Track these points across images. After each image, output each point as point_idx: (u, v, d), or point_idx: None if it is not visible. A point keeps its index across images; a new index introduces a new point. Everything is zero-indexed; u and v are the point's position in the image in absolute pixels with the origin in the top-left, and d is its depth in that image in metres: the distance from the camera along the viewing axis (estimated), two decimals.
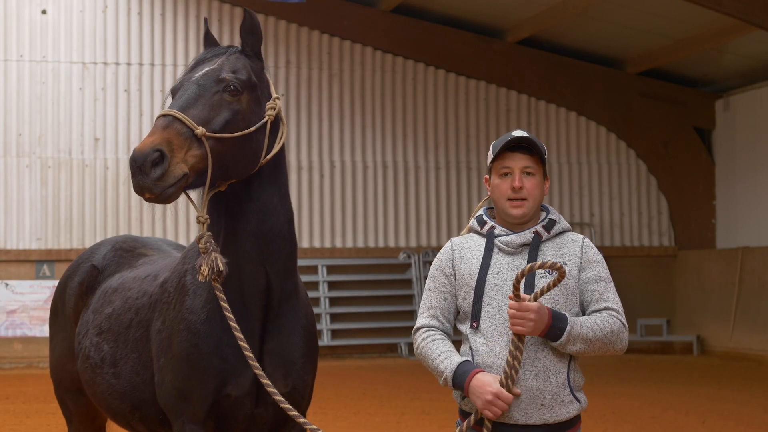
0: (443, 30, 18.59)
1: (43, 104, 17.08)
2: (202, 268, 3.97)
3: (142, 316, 4.54)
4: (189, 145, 3.83)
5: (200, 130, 3.85)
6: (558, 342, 3.63)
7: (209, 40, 4.35)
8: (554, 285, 3.58)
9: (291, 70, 18.17)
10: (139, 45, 17.55)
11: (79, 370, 4.97)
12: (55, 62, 17.17)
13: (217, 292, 4.04)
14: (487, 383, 3.61)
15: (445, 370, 3.70)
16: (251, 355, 4.01)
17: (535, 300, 3.60)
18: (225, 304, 4.04)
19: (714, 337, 18.22)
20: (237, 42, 4.27)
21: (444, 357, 3.73)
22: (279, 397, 4.01)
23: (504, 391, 3.61)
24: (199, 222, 4.01)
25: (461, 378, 3.66)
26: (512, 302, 3.60)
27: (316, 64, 18.33)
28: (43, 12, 17.17)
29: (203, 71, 4.06)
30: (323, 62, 18.37)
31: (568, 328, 3.61)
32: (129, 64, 17.48)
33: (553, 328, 3.61)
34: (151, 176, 3.72)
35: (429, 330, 3.82)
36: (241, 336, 4.02)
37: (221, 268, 3.98)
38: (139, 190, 3.75)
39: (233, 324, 4.02)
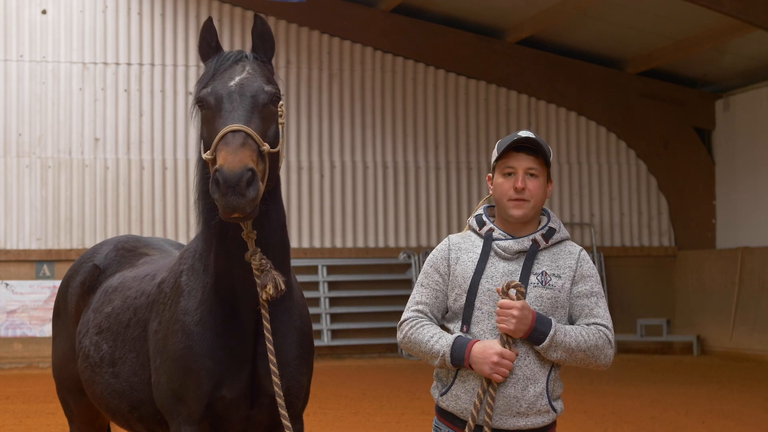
0: (443, 30, 18.59)
1: (43, 104, 17.08)
2: (267, 288, 3.93)
3: (140, 315, 4.55)
4: (259, 162, 3.77)
5: (266, 147, 3.80)
6: (540, 346, 3.62)
7: (214, 43, 4.18)
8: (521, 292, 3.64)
9: (291, 70, 18.17)
10: (139, 45, 17.55)
11: (79, 369, 4.98)
12: (55, 62, 17.17)
13: (263, 311, 4.00)
14: (488, 347, 3.61)
15: (441, 348, 3.67)
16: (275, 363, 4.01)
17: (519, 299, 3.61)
18: (268, 328, 4.01)
19: (714, 338, 18.22)
20: (237, 44, 4.23)
21: (437, 338, 3.70)
22: (281, 400, 4.01)
23: (507, 350, 3.61)
24: (248, 238, 3.95)
25: (460, 351, 3.64)
26: (500, 301, 3.62)
27: (316, 64, 18.33)
28: (43, 12, 17.16)
29: (238, 80, 3.96)
30: (323, 62, 18.37)
31: (551, 333, 3.61)
32: (129, 64, 17.48)
33: (535, 331, 3.60)
34: (247, 197, 3.64)
35: (416, 318, 3.79)
36: (274, 361, 4.01)
37: (282, 287, 3.96)
38: (230, 210, 3.65)
39: (270, 347, 4.00)
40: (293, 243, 17.62)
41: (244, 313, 4.14)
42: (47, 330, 16.03)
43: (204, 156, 3.83)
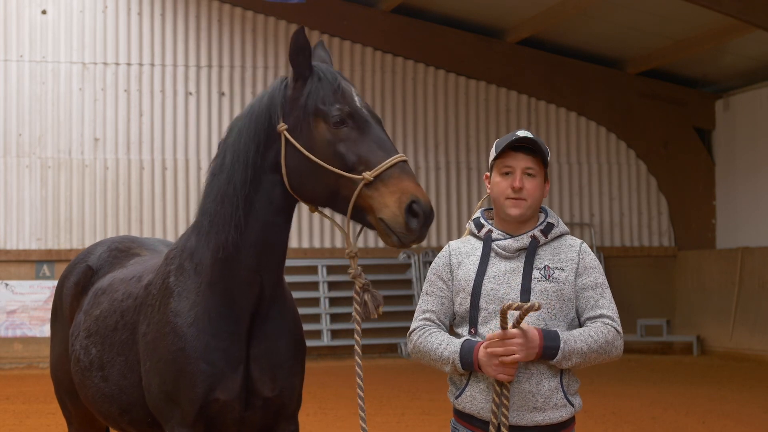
0: (443, 30, 18.58)
1: (43, 104, 17.08)
2: (379, 309, 4.04)
3: (127, 318, 4.51)
4: None
5: None
6: (554, 360, 3.62)
7: (308, 53, 4.14)
8: (524, 315, 3.55)
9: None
10: (139, 45, 17.55)
11: (72, 372, 4.96)
12: (55, 62, 17.16)
13: (357, 326, 4.10)
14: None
15: (449, 355, 3.68)
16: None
17: (515, 327, 3.57)
18: (359, 332, 4.11)
19: (714, 337, 18.22)
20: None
21: (445, 344, 3.71)
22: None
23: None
24: (353, 257, 4.05)
25: (468, 355, 3.64)
26: (495, 334, 3.57)
27: None
28: (43, 12, 17.16)
29: (361, 101, 4.15)
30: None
31: (561, 345, 3.61)
32: (129, 64, 17.48)
33: (546, 348, 3.60)
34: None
35: (423, 327, 3.80)
36: (361, 351, 4.11)
37: (382, 305, 4.10)
38: (415, 240, 3.78)
39: (358, 342, 4.09)
40: (293, 243, 17.62)
41: (240, 315, 4.14)
42: (47, 330, 16.00)
43: (365, 175, 3.82)
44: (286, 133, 4.02)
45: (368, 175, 3.82)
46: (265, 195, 4.08)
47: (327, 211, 4.11)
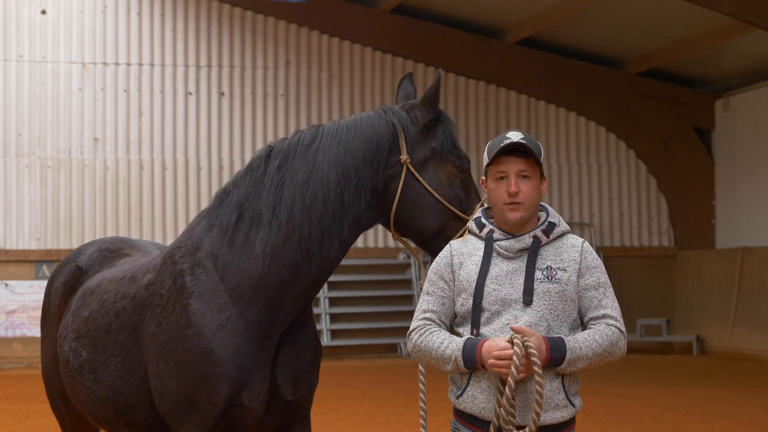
0: (443, 30, 18.58)
1: (42, 104, 17.08)
2: None
3: (124, 319, 4.42)
4: None
5: None
6: (560, 368, 3.63)
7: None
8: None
9: (291, 70, 18.16)
10: (138, 45, 17.54)
11: (61, 374, 4.86)
12: (54, 62, 17.16)
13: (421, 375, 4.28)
14: (493, 345, 3.58)
15: (452, 353, 3.65)
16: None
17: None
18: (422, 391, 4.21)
19: (714, 337, 18.22)
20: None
21: (447, 342, 3.69)
22: None
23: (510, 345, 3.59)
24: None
25: (471, 352, 3.62)
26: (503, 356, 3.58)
27: (316, 64, 18.32)
28: (43, 12, 17.16)
29: None
30: (323, 62, 18.36)
31: (567, 356, 3.61)
32: (129, 64, 17.48)
33: (552, 360, 3.61)
34: None
35: (424, 326, 3.77)
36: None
37: None
38: None
39: (421, 401, 4.18)
40: None
41: (281, 321, 4.15)
42: None
43: (472, 217, 4.01)
44: (410, 165, 4.19)
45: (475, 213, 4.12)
46: (356, 215, 4.18)
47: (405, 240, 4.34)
